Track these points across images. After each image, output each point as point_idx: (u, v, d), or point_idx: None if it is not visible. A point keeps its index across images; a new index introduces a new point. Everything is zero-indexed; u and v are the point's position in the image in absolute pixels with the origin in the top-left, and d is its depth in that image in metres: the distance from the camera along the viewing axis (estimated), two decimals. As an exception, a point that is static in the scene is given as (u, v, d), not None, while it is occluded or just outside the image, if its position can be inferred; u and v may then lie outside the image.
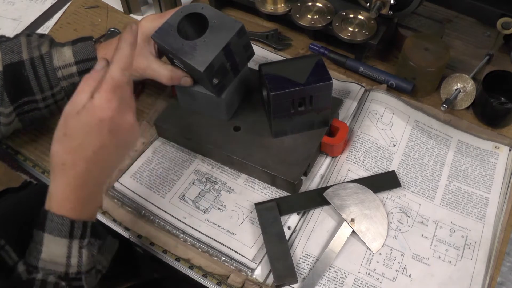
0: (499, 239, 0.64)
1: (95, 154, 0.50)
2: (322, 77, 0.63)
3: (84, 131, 0.50)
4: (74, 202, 0.51)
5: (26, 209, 0.88)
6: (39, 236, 0.51)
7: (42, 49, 0.65)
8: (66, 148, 0.50)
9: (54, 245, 0.50)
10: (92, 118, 0.49)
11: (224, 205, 0.67)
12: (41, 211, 0.52)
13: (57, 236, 0.50)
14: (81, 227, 0.51)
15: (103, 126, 0.50)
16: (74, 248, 0.51)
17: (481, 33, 0.87)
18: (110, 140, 0.51)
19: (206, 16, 0.63)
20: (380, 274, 0.61)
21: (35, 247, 0.51)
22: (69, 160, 0.50)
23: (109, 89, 0.50)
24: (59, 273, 0.50)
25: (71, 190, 0.51)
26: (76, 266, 0.51)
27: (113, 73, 0.51)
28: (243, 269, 0.62)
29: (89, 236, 0.52)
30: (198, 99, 0.68)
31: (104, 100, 0.50)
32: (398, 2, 0.74)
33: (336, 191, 0.66)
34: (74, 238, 0.51)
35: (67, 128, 0.50)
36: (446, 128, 0.75)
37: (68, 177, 0.50)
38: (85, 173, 0.50)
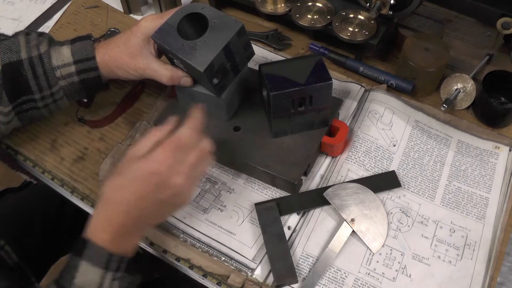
0: (499, 239, 0.64)
1: (137, 201, 0.53)
2: (322, 77, 0.63)
3: (134, 176, 0.53)
4: (112, 236, 0.54)
5: (26, 209, 0.88)
6: (75, 261, 0.52)
7: (41, 48, 0.65)
8: (114, 185, 0.54)
9: (88, 273, 0.52)
10: (145, 167, 0.53)
11: (224, 205, 0.67)
12: (81, 239, 0.54)
13: (94, 265, 0.52)
14: (117, 261, 0.54)
15: (152, 178, 0.53)
16: (107, 279, 0.53)
17: (481, 33, 0.87)
18: (155, 193, 0.53)
19: (206, 16, 0.63)
20: (380, 274, 0.61)
21: (69, 272, 0.52)
22: (114, 197, 0.54)
23: (170, 147, 0.53)
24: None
25: (110, 224, 0.54)
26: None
27: (181, 134, 0.55)
28: (243, 269, 0.62)
29: (123, 270, 0.54)
30: (198, 99, 0.68)
31: (161, 155, 0.53)
32: (398, 2, 0.74)
33: (336, 191, 0.66)
34: (109, 270, 0.53)
35: (123, 168, 0.54)
36: (446, 128, 0.75)
37: (109, 212, 0.54)
38: (125, 214, 0.53)
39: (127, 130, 0.76)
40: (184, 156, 0.54)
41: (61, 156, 0.74)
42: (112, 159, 0.72)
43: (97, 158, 0.73)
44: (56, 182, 0.72)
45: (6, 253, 0.77)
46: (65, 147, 0.75)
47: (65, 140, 0.76)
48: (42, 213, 0.88)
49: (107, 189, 0.55)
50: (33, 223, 0.86)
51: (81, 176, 0.72)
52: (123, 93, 0.80)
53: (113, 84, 0.82)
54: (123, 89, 0.81)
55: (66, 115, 0.78)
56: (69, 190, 0.71)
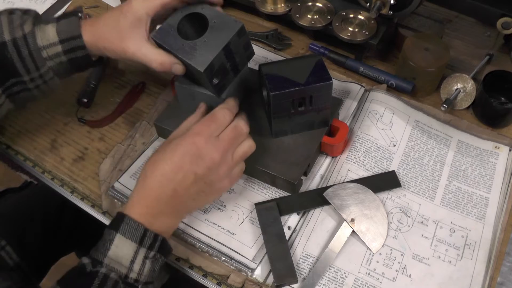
0: (499, 239, 0.64)
1: (172, 172, 0.55)
2: (322, 77, 0.63)
3: (171, 149, 0.56)
4: (147, 210, 0.55)
5: (27, 209, 0.88)
6: (111, 235, 0.53)
7: (25, 28, 0.61)
8: (152, 160, 0.57)
9: (123, 246, 0.53)
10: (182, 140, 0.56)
11: (224, 205, 0.67)
12: (118, 214, 0.55)
13: (128, 239, 0.53)
14: (151, 237, 0.54)
15: (188, 149, 0.55)
16: (139, 255, 0.53)
17: (481, 33, 0.87)
18: (190, 165, 0.55)
19: (206, 16, 0.63)
20: (380, 274, 0.61)
21: (104, 245, 0.53)
22: (150, 170, 0.56)
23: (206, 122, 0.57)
24: (120, 274, 0.52)
25: (146, 197, 0.55)
26: (137, 273, 0.53)
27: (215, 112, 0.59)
28: (243, 269, 0.62)
29: (156, 250, 0.54)
30: (198, 99, 0.68)
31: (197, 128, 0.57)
32: (398, 2, 0.74)
33: (336, 191, 0.66)
34: (142, 246, 0.53)
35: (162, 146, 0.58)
36: (446, 128, 0.75)
37: (145, 186, 0.56)
38: (160, 186, 0.55)
39: (127, 130, 0.76)
40: (219, 131, 0.57)
41: (61, 156, 0.74)
42: (112, 159, 0.72)
43: (97, 158, 0.73)
44: (56, 182, 0.72)
45: (7, 253, 0.77)
46: (65, 147, 0.75)
47: (65, 140, 0.76)
48: (42, 213, 0.88)
49: (146, 165, 0.57)
50: (34, 223, 0.86)
51: (81, 176, 0.72)
52: (123, 93, 0.80)
53: (113, 84, 0.82)
54: (123, 89, 0.81)
55: (66, 115, 0.78)
56: (69, 190, 0.71)
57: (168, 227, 0.58)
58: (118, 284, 0.51)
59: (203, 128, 0.57)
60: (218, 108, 0.59)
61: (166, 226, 0.57)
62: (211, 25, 0.62)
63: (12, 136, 0.76)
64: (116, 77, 0.83)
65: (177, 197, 0.56)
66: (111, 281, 0.51)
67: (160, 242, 0.55)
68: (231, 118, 0.59)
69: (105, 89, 0.81)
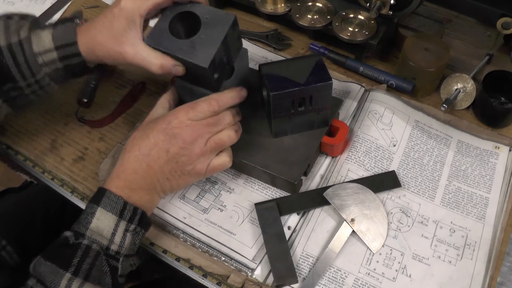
0: (499, 239, 0.64)
1: (147, 148, 0.58)
2: (322, 77, 0.63)
3: (148, 127, 0.60)
4: (124, 183, 0.58)
5: (27, 209, 0.88)
6: (93, 208, 0.56)
7: (21, 34, 0.61)
8: (131, 138, 0.61)
9: (104, 219, 0.55)
10: (160, 120, 0.60)
11: (224, 205, 0.67)
12: (99, 188, 0.58)
13: (109, 211, 0.55)
14: (131, 210, 0.57)
15: (163, 129, 0.59)
16: (120, 228, 0.56)
17: (481, 33, 0.87)
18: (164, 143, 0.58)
19: (196, 13, 0.61)
20: (380, 274, 0.61)
21: (86, 218, 0.56)
22: (128, 146, 0.60)
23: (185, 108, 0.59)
24: (102, 245, 0.55)
25: (123, 170, 0.59)
26: (118, 245, 0.56)
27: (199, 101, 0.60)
28: (243, 269, 0.62)
29: (136, 223, 0.57)
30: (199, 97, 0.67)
31: (175, 111, 0.60)
32: (398, 2, 0.74)
33: (336, 191, 0.66)
34: (122, 219, 0.56)
35: (141, 126, 0.62)
36: (446, 128, 0.75)
37: (123, 160, 0.59)
38: (136, 160, 0.59)
39: (127, 130, 0.76)
40: (198, 118, 0.59)
41: (61, 156, 0.74)
42: (112, 159, 0.72)
43: (97, 158, 0.73)
44: (56, 182, 0.72)
45: (8, 253, 0.77)
46: (65, 147, 0.75)
47: (65, 140, 0.76)
48: (42, 213, 0.88)
49: (127, 141, 0.61)
50: (34, 223, 0.86)
51: (81, 176, 0.72)
52: (123, 93, 0.80)
53: (113, 84, 0.82)
54: (123, 89, 0.81)
55: (66, 115, 0.78)
56: (69, 190, 0.71)
57: (146, 201, 0.60)
58: (99, 255, 0.54)
59: (181, 111, 0.59)
60: (204, 98, 0.60)
61: (144, 201, 0.59)
62: (204, 21, 0.61)
63: (12, 136, 0.76)
64: (116, 77, 0.83)
65: (152, 172, 0.59)
66: (93, 252, 0.54)
67: (140, 215, 0.57)
68: (215, 109, 0.60)
69: (105, 89, 0.81)
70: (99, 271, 0.54)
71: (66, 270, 0.52)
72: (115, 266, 0.55)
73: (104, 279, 0.54)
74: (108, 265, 0.54)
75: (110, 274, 0.54)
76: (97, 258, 0.54)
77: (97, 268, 0.53)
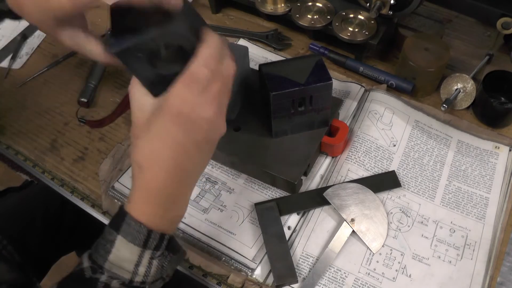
0: (499, 239, 0.64)
1: (171, 158, 0.46)
2: (322, 77, 0.63)
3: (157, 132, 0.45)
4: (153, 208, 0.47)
5: (27, 208, 0.88)
6: (112, 236, 0.46)
7: None
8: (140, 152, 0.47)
9: (125, 250, 0.46)
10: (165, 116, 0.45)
11: (224, 205, 0.67)
12: (120, 209, 0.48)
13: (131, 242, 0.46)
14: (157, 238, 0.47)
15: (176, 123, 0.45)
16: (145, 258, 0.47)
17: (481, 33, 0.87)
18: (186, 138, 0.45)
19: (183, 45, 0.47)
20: (380, 274, 0.61)
21: (105, 246, 0.47)
22: (145, 163, 0.46)
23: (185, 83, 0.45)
24: (124, 280, 0.47)
25: (149, 193, 0.47)
26: (142, 275, 0.47)
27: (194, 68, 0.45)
28: (243, 269, 0.62)
29: (163, 249, 0.48)
30: None
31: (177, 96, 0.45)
32: (398, 2, 0.74)
33: (336, 191, 0.66)
34: (147, 249, 0.47)
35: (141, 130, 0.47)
36: (446, 128, 0.75)
37: (145, 179, 0.47)
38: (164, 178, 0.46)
39: (127, 130, 0.76)
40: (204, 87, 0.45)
41: (61, 156, 0.74)
42: (112, 159, 0.72)
43: (97, 158, 0.73)
44: (56, 182, 0.72)
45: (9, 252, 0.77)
46: (65, 147, 0.75)
47: (65, 140, 0.76)
48: (43, 212, 0.88)
49: (134, 156, 0.47)
50: (34, 222, 0.86)
51: (81, 176, 0.72)
52: (123, 93, 0.80)
53: (113, 84, 0.82)
54: (123, 89, 0.81)
55: (66, 115, 0.78)
56: (69, 190, 0.71)
57: (177, 216, 0.51)
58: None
59: (184, 91, 0.45)
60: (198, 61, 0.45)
61: (175, 217, 0.50)
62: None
63: (12, 136, 0.76)
64: (116, 77, 0.83)
65: (185, 176, 0.48)
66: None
67: (168, 241, 0.49)
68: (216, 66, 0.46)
69: (105, 89, 0.81)
70: None
71: None
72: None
73: None
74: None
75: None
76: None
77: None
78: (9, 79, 0.83)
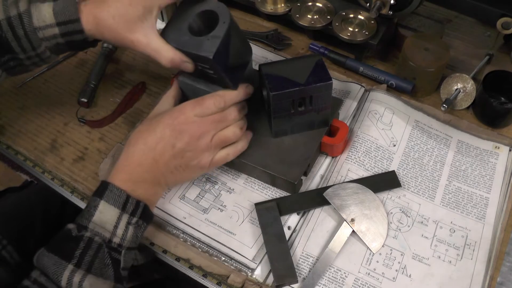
0: (499, 239, 0.64)
1: (153, 142, 0.58)
2: (322, 77, 0.63)
3: (155, 121, 0.59)
4: (128, 176, 0.58)
5: (27, 208, 0.88)
6: (96, 202, 0.56)
7: (20, 6, 0.59)
8: (136, 131, 0.61)
9: (106, 212, 0.56)
10: (166, 115, 0.60)
11: (224, 205, 0.67)
12: (102, 182, 0.58)
13: (112, 205, 0.56)
14: (133, 204, 0.57)
15: (169, 123, 0.59)
16: (122, 221, 0.56)
17: (481, 33, 0.87)
18: (171, 138, 0.59)
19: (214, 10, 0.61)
20: (380, 274, 0.61)
21: (88, 211, 0.56)
22: (133, 139, 0.60)
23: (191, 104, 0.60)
24: (104, 238, 0.55)
25: (127, 163, 0.59)
26: (120, 237, 0.56)
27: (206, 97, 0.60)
28: (243, 269, 0.62)
29: (138, 216, 0.57)
30: (201, 95, 0.66)
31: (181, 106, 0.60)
32: (398, 2, 0.74)
33: (336, 191, 0.66)
34: (125, 212, 0.56)
35: (146, 119, 0.62)
36: (446, 128, 0.75)
37: (127, 153, 0.60)
38: (141, 153, 0.59)
39: (127, 130, 0.76)
40: (204, 114, 0.60)
41: (61, 156, 0.74)
42: (112, 159, 0.72)
43: (97, 158, 0.73)
44: (56, 182, 0.72)
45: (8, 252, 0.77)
46: (65, 147, 0.75)
47: (65, 140, 0.76)
48: (43, 212, 0.88)
49: (131, 135, 0.61)
50: (34, 222, 0.86)
51: (81, 176, 0.72)
52: (123, 93, 0.80)
53: (113, 84, 0.82)
54: (123, 89, 0.81)
55: (66, 115, 0.78)
56: (69, 190, 0.71)
57: (149, 195, 0.60)
58: (102, 247, 0.54)
59: (187, 107, 0.60)
60: (210, 94, 0.61)
61: (147, 194, 0.60)
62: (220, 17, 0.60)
63: (12, 136, 0.76)
64: (116, 77, 0.83)
65: (157, 166, 0.59)
66: (96, 244, 0.54)
67: (142, 208, 0.58)
68: (222, 105, 0.61)
69: (105, 89, 0.81)
70: (101, 263, 0.54)
71: (69, 261, 0.53)
72: (117, 258, 0.56)
73: (107, 271, 0.54)
74: (110, 258, 0.55)
75: (112, 267, 0.55)
76: (100, 250, 0.54)
77: (99, 260, 0.54)
78: (9, 79, 0.83)
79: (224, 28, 0.59)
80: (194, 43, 0.60)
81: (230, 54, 0.61)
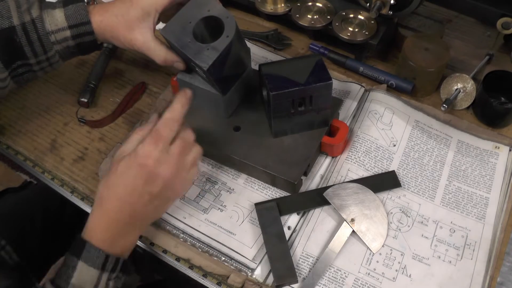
0: (499, 239, 0.64)
1: (128, 195, 0.56)
2: (322, 77, 0.63)
3: (122, 172, 0.56)
4: (107, 234, 0.56)
5: (27, 209, 0.88)
6: (73, 262, 0.54)
7: (32, 13, 0.63)
8: (105, 184, 0.57)
9: (85, 273, 0.54)
10: (132, 162, 0.55)
11: (224, 205, 0.67)
12: (78, 239, 0.56)
13: (91, 266, 0.54)
14: (113, 262, 0.56)
15: (139, 172, 0.55)
16: (102, 280, 0.55)
17: (481, 33, 0.87)
18: (144, 187, 0.56)
19: (218, 17, 0.63)
20: (380, 274, 0.61)
21: (66, 271, 0.54)
22: (106, 195, 0.57)
23: (151, 141, 0.56)
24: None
25: (105, 222, 0.56)
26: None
27: (159, 127, 0.56)
28: (243, 269, 0.62)
29: (118, 271, 0.57)
30: (199, 95, 0.67)
31: (145, 149, 0.55)
32: (398, 2, 0.74)
33: (336, 191, 0.66)
34: (105, 271, 0.55)
35: (112, 168, 0.57)
36: (446, 128, 0.75)
37: (103, 210, 0.56)
38: (118, 210, 0.56)
39: (127, 130, 0.76)
40: (167, 147, 0.57)
41: (61, 156, 0.74)
42: (112, 159, 0.72)
43: (97, 158, 0.73)
44: (56, 182, 0.72)
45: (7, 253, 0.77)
46: (65, 147, 0.75)
47: (65, 140, 0.76)
48: (42, 213, 0.88)
49: (100, 189, 0.57)
50: (34, 222, 0.86)
51: (81, 176, 0.72)
52: (123, 93, 0.80)
53: (113, 84, 0.82)
54: (123, 89, 0.81)
55: (66, 115, 0.78)
56: (69, 190, 0.71)
57: (129, 244, 0.59)
58: None
59: (150, 149, 0.55)
60: (163, 122, 0.57)
61: (127, 244, 0.58)
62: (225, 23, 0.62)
63: (12, 136, 0.76)
64: (116, 77, 0.83)
65: (136, 216, 0.57)
66: None
67: (122, 263, 0.57)
68: (177, 127, 0.58)
69: (105, 89, 0.81)
70: None
71: None
72: None
73: None
74: None
75: None
76: None
77: None
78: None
79: (225, 43, 0.61)
80: (194, 49, 0.62)
81: (226, 66, 0.63)
